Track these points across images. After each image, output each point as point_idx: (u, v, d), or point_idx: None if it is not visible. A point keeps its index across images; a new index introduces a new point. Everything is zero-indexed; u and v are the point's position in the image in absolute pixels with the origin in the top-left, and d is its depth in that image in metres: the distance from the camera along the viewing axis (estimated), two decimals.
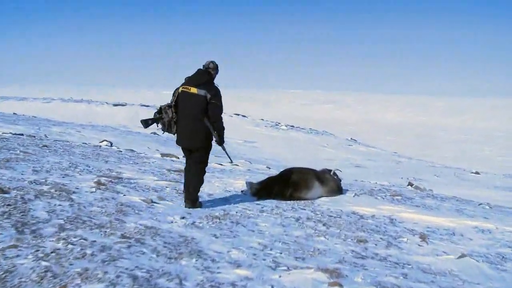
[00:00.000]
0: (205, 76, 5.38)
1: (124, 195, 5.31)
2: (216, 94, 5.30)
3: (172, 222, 4.48)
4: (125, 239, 3.71)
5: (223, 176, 8.28)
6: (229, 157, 5.98)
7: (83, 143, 12.52)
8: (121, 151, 11.47)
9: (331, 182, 6.97)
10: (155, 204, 5.13)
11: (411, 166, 22.11)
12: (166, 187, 6.34)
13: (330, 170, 7.31)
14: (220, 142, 5.39)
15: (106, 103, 41.50)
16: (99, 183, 5.63)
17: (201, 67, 5.49)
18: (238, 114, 36.17)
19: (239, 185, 7.15)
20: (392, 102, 79.07)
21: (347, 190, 7.64)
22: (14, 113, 24.32)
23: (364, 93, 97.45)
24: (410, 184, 11.63)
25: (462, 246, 4.66)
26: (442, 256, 4.25)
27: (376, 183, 11.92)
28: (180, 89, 5.36)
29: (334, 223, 5.12)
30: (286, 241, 4.25)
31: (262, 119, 35.91)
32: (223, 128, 5.40)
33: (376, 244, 4.47)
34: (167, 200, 5.45)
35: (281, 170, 7.21)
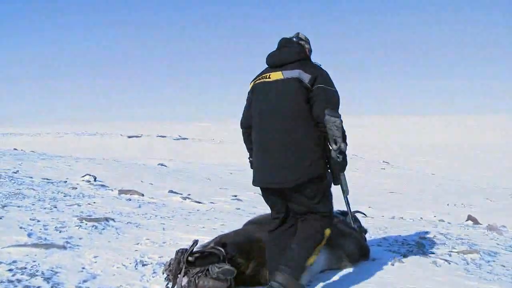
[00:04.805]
0: (296, 49, 2.90)
1: None
2: (322, 75, 2.80)
3: None
4: None
5: (176, 224, 5.15)
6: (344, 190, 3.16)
7: (45, 179, 9.61)
8: (76, 188, 8.52)
9: (347, 241, 3.58)
10: None
11: (454, 188, 19.23)
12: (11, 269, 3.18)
13: (345, 213, 3.93)
14: (340, 170, 2.92)
15: (121, 135, 39.76)
16: None
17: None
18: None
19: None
20: (423, 123, 74.52)
21: (377, 246, 4.30)
22: (15, 149, 21.66)
23: (394, 116, 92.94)
24: (470, 218, 8.11)
25: None
26: None
27: (421, 219, 8.52)
28: (253, 83, 2.99)
29: None
30: None
31: None
32: (345, 137, 2.79)
33: None
34: None
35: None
